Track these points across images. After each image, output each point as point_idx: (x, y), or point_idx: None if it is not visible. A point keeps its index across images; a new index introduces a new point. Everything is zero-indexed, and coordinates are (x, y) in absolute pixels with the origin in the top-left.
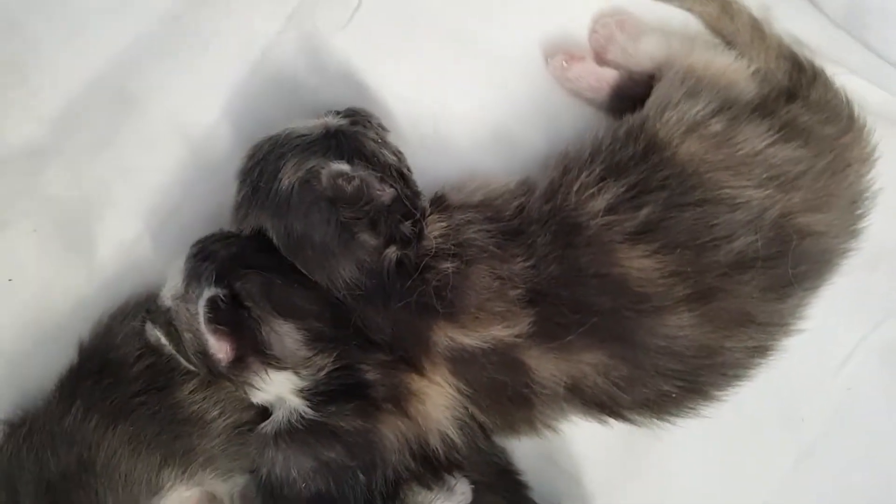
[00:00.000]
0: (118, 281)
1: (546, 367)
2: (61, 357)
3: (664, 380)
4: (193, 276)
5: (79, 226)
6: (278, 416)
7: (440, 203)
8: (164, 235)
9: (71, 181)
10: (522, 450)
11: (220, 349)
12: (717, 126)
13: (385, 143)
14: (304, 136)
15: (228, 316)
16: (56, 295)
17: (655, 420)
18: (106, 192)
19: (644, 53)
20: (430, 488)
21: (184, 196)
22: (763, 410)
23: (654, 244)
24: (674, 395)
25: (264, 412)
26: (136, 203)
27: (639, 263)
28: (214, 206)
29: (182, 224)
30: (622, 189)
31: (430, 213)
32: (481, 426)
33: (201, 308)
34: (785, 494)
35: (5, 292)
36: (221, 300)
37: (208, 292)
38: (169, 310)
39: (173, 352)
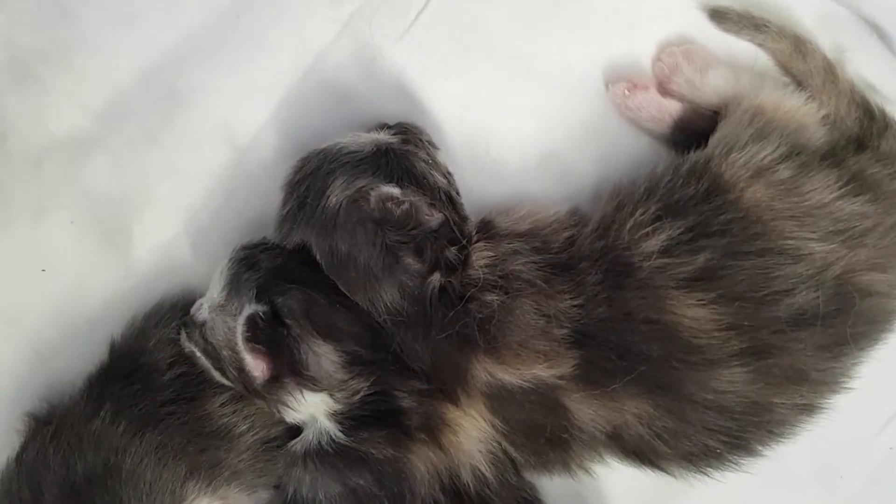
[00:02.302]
0: (153, 280)
1: (587, 412)
2: (91, 353)
3: (710, 434)
4: (235, 286)
5: (117, 221)
6: (308, 436)
7: (487, 229)
8: (202, 238)
9: (112, 175)
10: (552, 487)
11: (257, 368)
12: (785, 172)
13: (435, 164)
14: (354, 153)
15: (267, 334)
16: (89, 289)
17: (694, 473)
18: (147, 189)
19: (710, 87)
20: None
21: (225, 200)
22: (801, 466)
23: (710, 293)
24: (718, 451)
25: (293, 429)
26: (177, 203)
27: (693, 312)
28: (256, 212)
29: (221, 228)
30: (679, 231)
31: (477, 241)
32: (513, 462)
33: (240, 326)
34: None
35: (38, 283)
36: (261, 318)
37: (248, 309)
38: (205, 323)
39: (208, 366)
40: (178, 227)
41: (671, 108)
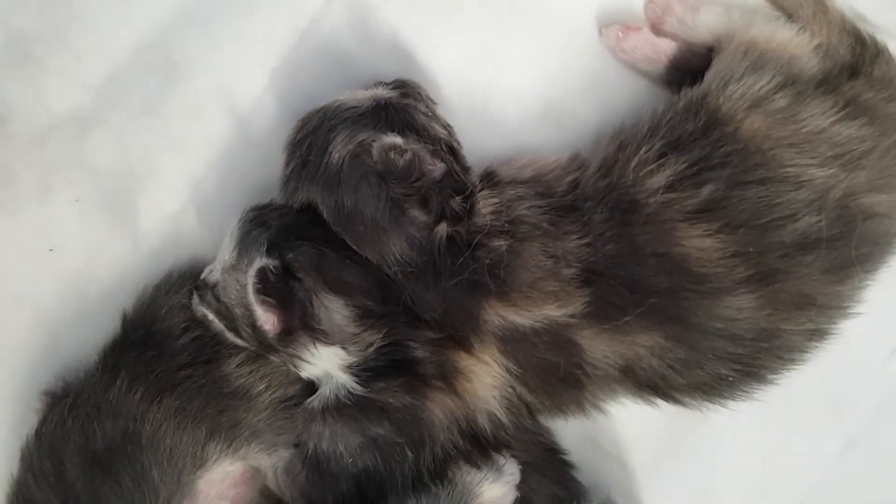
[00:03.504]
0: (162, 252)
1: (599, 348)
2: (104, 329)
3: (721, 363)
4: (245, 244)
5: (122, 196)
6: (325, 391)
7: (490, 179)
8: (208, 208)
9: (115, 150)
10: (566, 432)
11: (267, 320)
12: (781, 102)
13: (435, 117)
14: (353, 108)
15: (278, 288)
16: (98, 265)
17: (707, 403)
18: (150, 161)
19: (703, 25)
20: (478, 467)
21: (228, 168)
22: (811, 396)
23: (715, 223)
24: (730, 379)
25: (310, 387)
26: (181, 174)
27: (699, 243)
28: (260, 178)
29: (226, 196)
30: (683, 166)
31: (481, 189)
32: (528, 406)
33: (250, 278)
34: (830, 481)
35: (47, 262)
36: (271, 271)
37: (259, 262)
38: (216, 284)
39: (221, 327)
40: (184, 198)
41: (665, 48)
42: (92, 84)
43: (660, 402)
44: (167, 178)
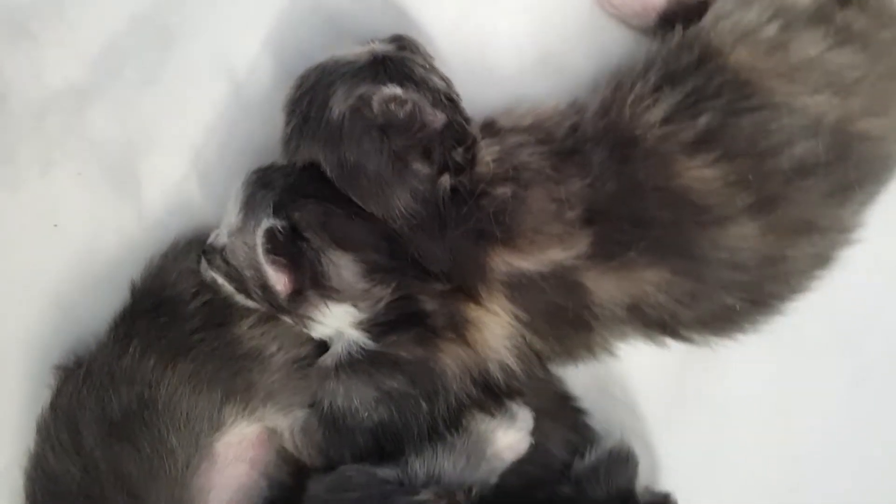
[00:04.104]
0: (167, 221)
1: (606, 288)
2: (113, 301)
3: (728, 293)
4: (250, 206)
5: (124, 167)
6: (338, 348)
7: (491, 128)
8: (211, 173)
9: (114, 121)
10: (577, 380)
11: (279, 281)
12: (769, 32)
13: (433, 69)
14: (351, 63)
15: (287, 247)
16: (104, 238)
17: (716, 338)
18: (151, 131)
19: None
20: (492, 415)
21: (230, 133)
22: (819, 333)
23: (714, 153)
24: (738, 309)
25: (322, 347)
26: (182, 142)
27: (699, 174)
28: (260, 142)
29: (229, 161)
30: (679, 97)
31: (482, 139)
32: (538, 354)
33: (259, 239)
34: (841, 418)
35: (52, 238)
36: (279, 231)
37: (266, 223)
38: (224, 247)
39: (231, 290)
40: (186, 166)
41: (655, 2)
42: (88, 56)
43: (668, 341)
44: (168, 146)
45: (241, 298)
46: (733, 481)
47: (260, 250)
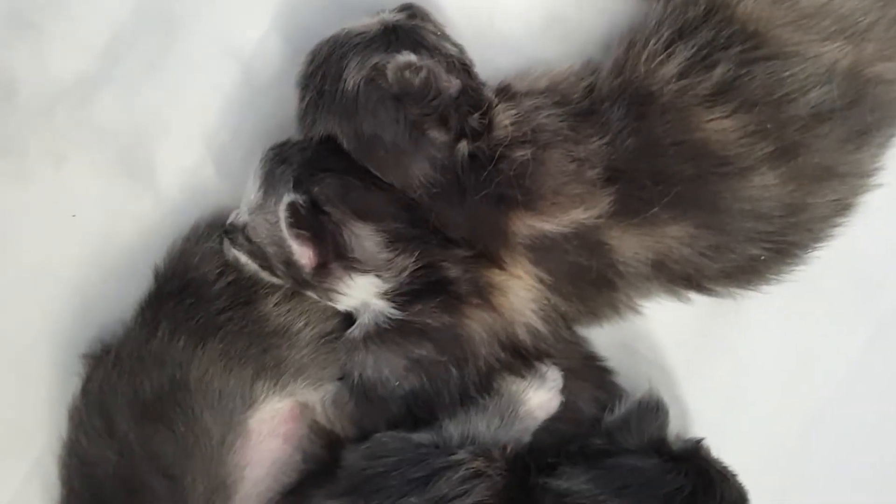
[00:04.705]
0: (184, 206)
1: (629, 245)
2: (134, 288)
3: (752, 244)
4: (270, 182)
5: (138, 154)
6: (364, 320)
7: (506, 92)
8: (225, 156)
9: (126, 110)
10: (601, 340)
11: (304, 255)
12: None
13: (444, 36)
14: (363, 33)
15: (309, 221)
16: (122, 226)
17: (739, 290)
18: (161, 118)
19: None
20: (522, 376)
21: (241, 115)
22: (839, 283)
23: (731, 104)
24: (762, 259)
25: (348, 320)
26: (194, 127)
27: (718, 125)
28: (273, 121)
29: (243, 142)
30: (692, 51)
31: (498, 104)
32: (563, 316)
33: (282, 213)
34: (864, 368)
35: (70, 229)
36: (301, 205)
37: (288, 197)
38: (246, 226)
39: (255, 268)
40: (200, 150)
41: None
42: (95, 47)
43: (692, 295)
44: (180, 131)
45: (265, 276)
46: (758, 430)
47: (283, 225)
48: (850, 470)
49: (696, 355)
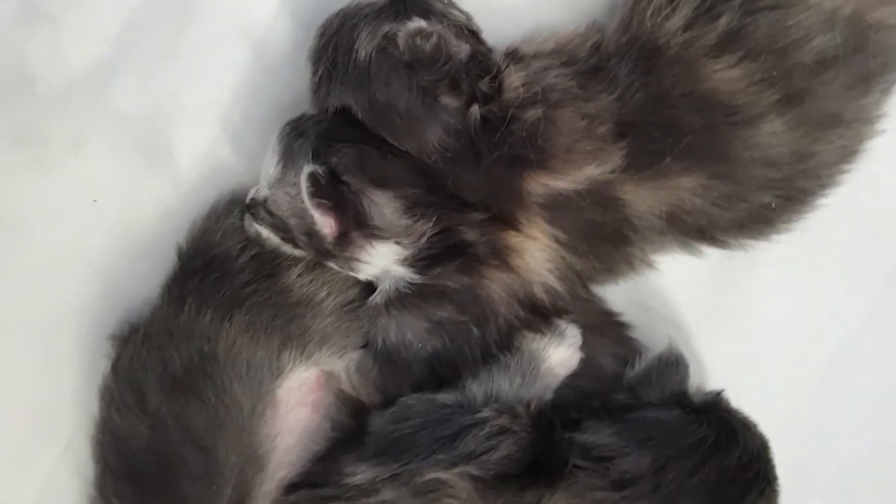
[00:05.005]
0: (202, 187)
1: (643, 199)
2: (157, 270)
3: (763, 191)
4: (288, 156)
5: (156, 138)
6: (386, 286)
7: (514, 56)
8: (240, 135)
9: (141, 94)
10: (617, 298)
11: (325, 224)
12: None
13: (451, 3)
14: (371, 4)
15: (330, 190)
16: (143, 209)
17: (751, 240)
18: (177, 101)
19: None
20: (542, 333)
21: (254, 94)
22: (848, 230)
23: (737, 53)
24: (773, 207)
25: (369, 288)
26: (209, 107)
27: (725, 75)
28: (285, 99)
29: (257, 121)
30: (696, 3)
31: (507, 67)
32: (579, 275)
33: (303, 183)
34: (876, 314)
35: (92, 215)
36: (321, 175)
37: (308, 168)
38: (267, 200)
39: (277, 241)
40: (216, 130)
41: None
42: (109, 33)
43: (705, 248)
44: (196, 113)
45: (287, 248)
46: (775, 381)
47: (304, 195)
48: (867, 416)
49: (711, 310)
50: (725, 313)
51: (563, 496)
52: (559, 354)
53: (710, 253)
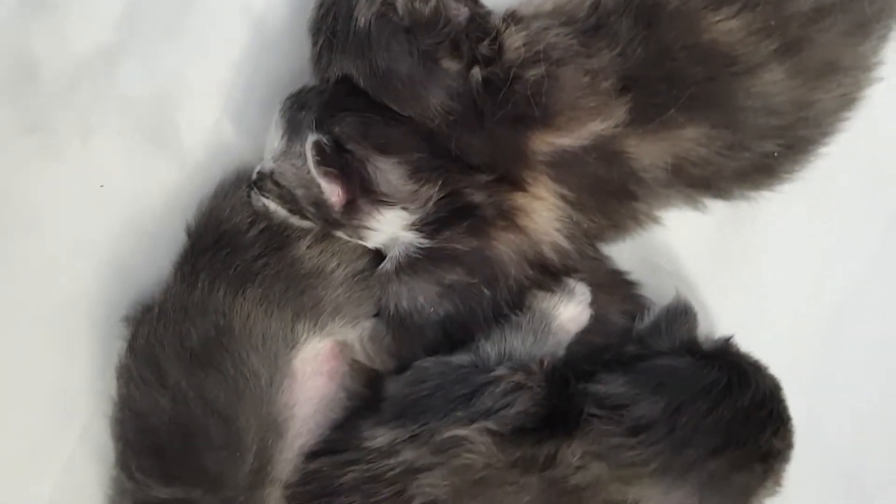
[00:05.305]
0: (209, 166)
1: (647, 152)
2: (169, 251)
3: (765, 140)
4: (292, 128)
5: (161, 120)
6: (395, 252)
7: (513, 17)
8: (243, 113)
9: (145, 77)
10: (623, 257)
11: (333, 192)
12: None
13: None
14: None
15: (334, 159)
16: (151, 192)
17: (755, 191)
18: (180, 80)
19: None
20: (552, 291)
21: (256, 70)
22: (849, 180)
23: (735, 4)
24: (775, 155)
25: (378, 258)
26: (212, 86)
27: (725, 26)
28: (286, 74)
29: (259, 98)
30: None
31: (507, 28)
32: (586, 234)
33: (309, 152)
34: (879, 262)
35: (101, 200)
36: (326, 144)
37: (312, 137)
38: (273, 172)
39: (285, 213)
40: (219, 109)
41: None
42: (110, 18)
43: (710, 200)
44: (199, 92)
45: (295, 220)
46: (784, 330)
47: (311, 163)
48: (875, 360)
49: (717, 265)
50: (731, 267)
51: (580, 445)
52: (569, 312)
53: (715, 208)
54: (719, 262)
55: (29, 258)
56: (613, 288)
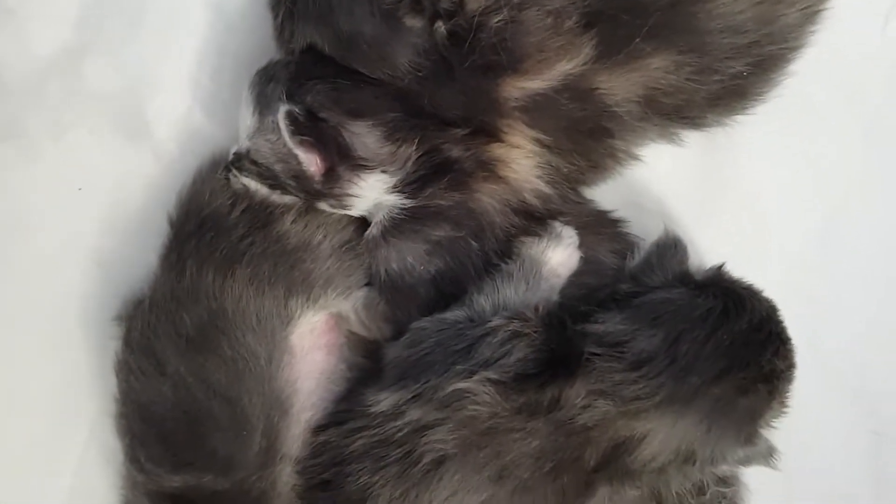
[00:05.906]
0: (184, 155)
1: (619, 85)
2: (152, 245)
3: (733, 60)
4: (263, 101)
5: (131, 114)
6: (380, 217)
7: None
8: (214, 98)
9: (110, 74)
10: (606, 201)
11: (311, 161)
12: None
13: None
14: None
15: (309, 128)
16: (128, 187)
17: (729, 116)
18: (146, 73)
19: None
20: (539, 237)
21: (221, 54)
22: (822, 93)
23: None
24: (745, 75)
25: (363, 226)
26: (179, 75)
27: None
28: (253, 53)
29: (228, 82)
30: None
31: None
32: (566, 178)
33: (282, 122)
34: (863, 173)
35: (79, 200)
36: (298, 113)
37: (284, 107)
38: (249, 151)
39: (266, 191)
40: (188, 98)
41: None
42: (70, 17)
43: (685, 131)
44: (167, 82)
45: (277, 196)
46: (775, 254)
47: (286, 134)
48: (871, 271)
49: (701, 196)
50: (714, 197)
51: (583, 385)
52: (558, 255)
53: (691, 140)
54: (703, 193)
55: (17, 265)
56: (600, 228)
